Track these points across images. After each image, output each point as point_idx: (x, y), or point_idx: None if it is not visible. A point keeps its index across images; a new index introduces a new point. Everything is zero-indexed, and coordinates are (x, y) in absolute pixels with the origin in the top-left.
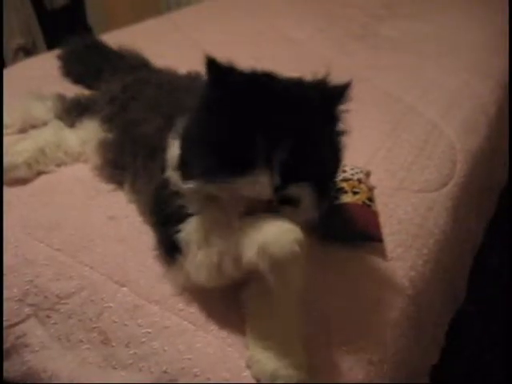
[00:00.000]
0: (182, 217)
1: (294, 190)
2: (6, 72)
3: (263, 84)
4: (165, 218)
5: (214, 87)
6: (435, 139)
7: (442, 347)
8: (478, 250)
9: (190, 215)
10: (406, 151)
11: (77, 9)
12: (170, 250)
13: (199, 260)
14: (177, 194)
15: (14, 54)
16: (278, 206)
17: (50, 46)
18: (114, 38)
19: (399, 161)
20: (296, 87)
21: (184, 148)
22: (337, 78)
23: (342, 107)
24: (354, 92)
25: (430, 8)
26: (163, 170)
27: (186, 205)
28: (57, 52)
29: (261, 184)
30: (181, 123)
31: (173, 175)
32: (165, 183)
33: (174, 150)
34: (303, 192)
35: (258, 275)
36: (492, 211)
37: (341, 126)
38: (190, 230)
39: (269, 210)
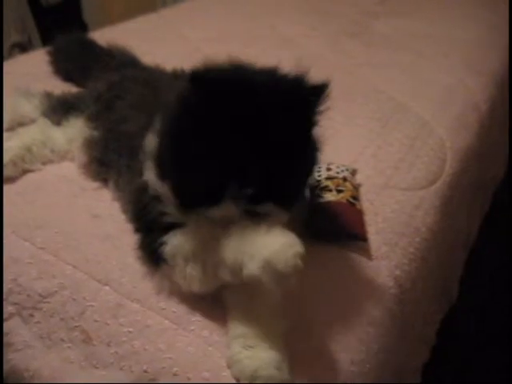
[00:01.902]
0: (164, 225)
1: (262, 209)
2: None
3: (236, 95)
4: (146, 224)
5: (190, 94)
6: (425, 137)
7: (435, 346)
8: (472, 247)
9: (172, 224)
10: (395, 149)
11: (72, 5)
12: (153, 258)
13: (190, 273)
14: (156, 198)
15: (9, 51)
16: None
17: (46, 43)
18: (105, 35)
19: (387, 158)
20: (271, 94)
21: (160, 155)
22: (328, 75)
23: (320, 108)
24: (346, 89)
25: (423, 5)
26: (142, 172)
27: (167, 212)
28: (46, 49)
29: (229, 212)
30: (159, 121)
31: (151, 178)
32: (143, 186)
33: (150, 145)
34: (271, 208)
35: None
36: (486, 207)
37: (316, 127)
38: (175, 244)
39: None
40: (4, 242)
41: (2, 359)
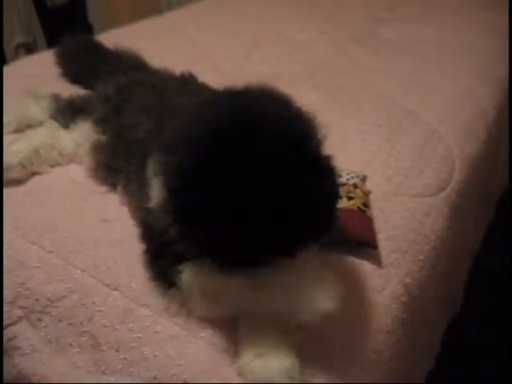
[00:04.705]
0: (174, 253)
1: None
2: (4, 70)
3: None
4: (156, 249)
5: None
6: (434, 144)
7: (439, 353)
8: (476, 254)
9: (184, 255)
10: (404, 156)
11: (78, 7)
12: (167, 283)
13: (206, 306)
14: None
15: (14, 52)
16: None
17: (51, 44)
18: (112, 37)
19: (397, 165)
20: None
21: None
22: (337, 82)
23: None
24: (354, 95)
25: (432, 11)
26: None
27: (178, 241)
28: (54, 51)
29: None
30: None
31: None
32: (151, 210)
33: (157, 190)
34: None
35: None
36: (491, 215)
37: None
38: (191, 276)
39: None
40: (12, 245)
41: (2, 359)
